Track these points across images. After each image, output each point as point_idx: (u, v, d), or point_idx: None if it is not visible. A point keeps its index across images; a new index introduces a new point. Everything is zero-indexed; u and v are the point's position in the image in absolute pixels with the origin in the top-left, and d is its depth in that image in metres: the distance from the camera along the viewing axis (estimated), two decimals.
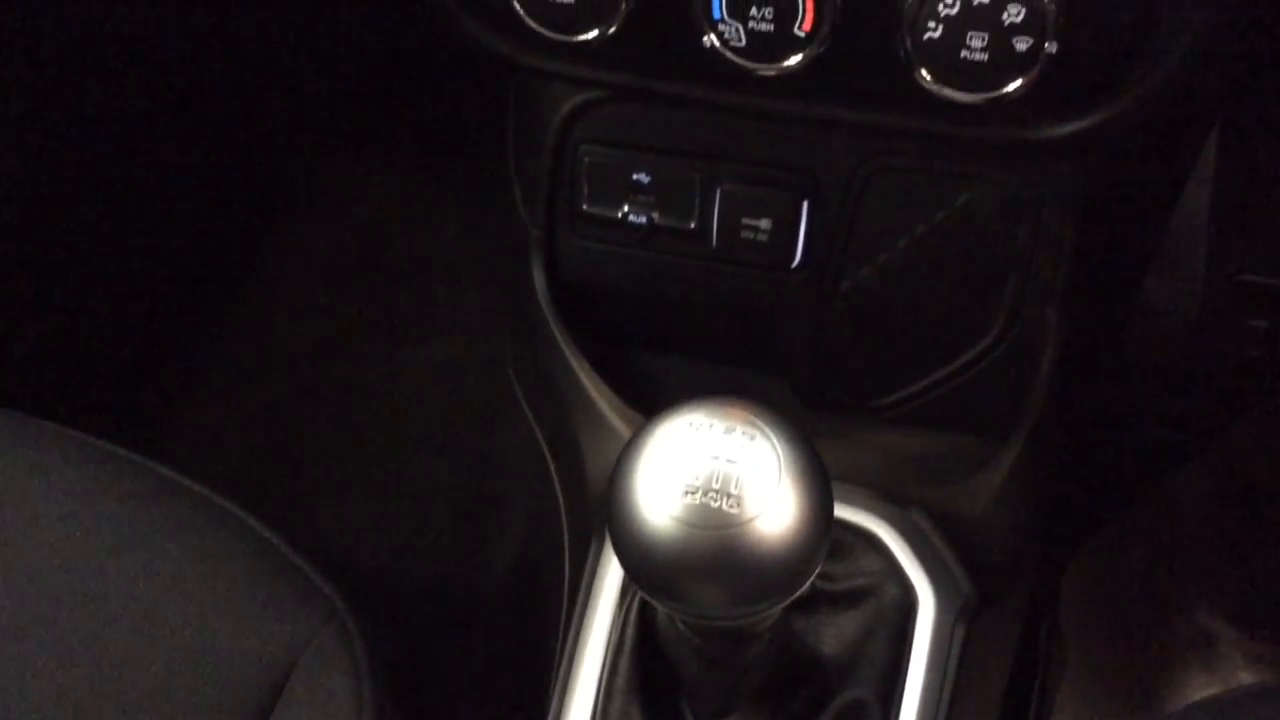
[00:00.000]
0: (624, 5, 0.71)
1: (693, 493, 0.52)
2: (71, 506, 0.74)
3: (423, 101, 1.46)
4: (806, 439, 0.55)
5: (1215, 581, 1.22)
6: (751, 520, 0.51)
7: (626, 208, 0.90)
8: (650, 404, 0.93)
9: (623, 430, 0.88)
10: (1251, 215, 1.20)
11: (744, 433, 0.53)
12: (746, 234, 0.88)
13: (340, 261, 1.45)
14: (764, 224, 0.87)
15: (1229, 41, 0.71)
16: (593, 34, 0.73)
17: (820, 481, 0.54)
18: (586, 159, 0.90)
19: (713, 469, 0.52)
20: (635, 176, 0.89)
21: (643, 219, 0.90)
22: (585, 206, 0.91)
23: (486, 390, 1.32)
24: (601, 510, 0.81)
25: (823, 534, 0.54)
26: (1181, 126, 0.91)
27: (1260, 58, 0.88)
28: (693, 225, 0.89)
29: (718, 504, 0.51)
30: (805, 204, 0.86)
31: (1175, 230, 1.14)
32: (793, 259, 0.88)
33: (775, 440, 0.53)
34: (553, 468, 0.98)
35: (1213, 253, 1.20)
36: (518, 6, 0.72)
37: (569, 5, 0.71)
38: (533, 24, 0.73)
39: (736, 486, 0.52)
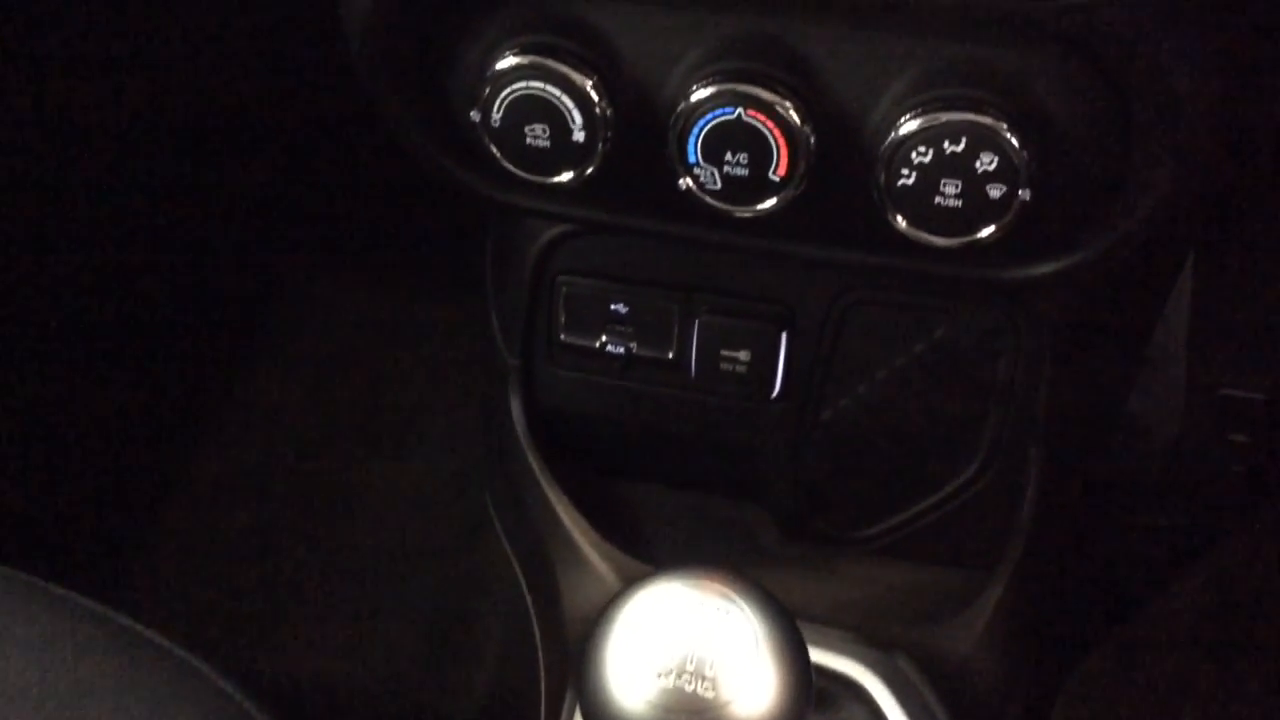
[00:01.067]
0: (600, 149, 0.71)
1: (666, 675, 0.50)
2: (25, 658, 0.72)
3: (403, 215, 1.46)
4: (784, 611, 0.53)
5: (1208, 703, 1.20)
6: (727, 705, 0.49)
7: (604, 338, 0.89)
8: (630, 537, 0.91)
9: (602, 569, 0.87)
10: (1230, 329, 1.21)
11: (719, 607, 0.52)
12: (725, 365, 0.87)
13: (321, 374, 1.44)
14: (743, 355, 0.86)
15: (1204, 186, 0.71)
16: (568, 176, 0.73)
17: (798, 657, 0.52)
18: (564, 289, 0.89)
19: (687, 649, 0.50)
20: (613, 307, 0.88)
21: (621, 349, 0.89)
22: (563, 337, 0.90)
23: (463, 505, 1.30)
24: (577, 659, 0.79)
25: (801, 713, 0.52)
26: (1160, 257, 0.92)
27: (1235, 185, 0.89)
28: (671, 356, 0.88)
29: (692, 687, 0.49)
30: (784, 335, 0.86)
31: (1155, 345, 1.14)
32: (772, 390, 0.87)
33: (751, 614, 0.51)
34: (529, 600, 0.96)
35: (1193, 367, 1.20)
36: (494, 150, 0.72)
37: (546, 149, 0.71)
38: (510, 166, 0.73)
39: (711, 668, 0.50)
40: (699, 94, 0.68)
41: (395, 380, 1.43)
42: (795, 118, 0.67)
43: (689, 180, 0.71)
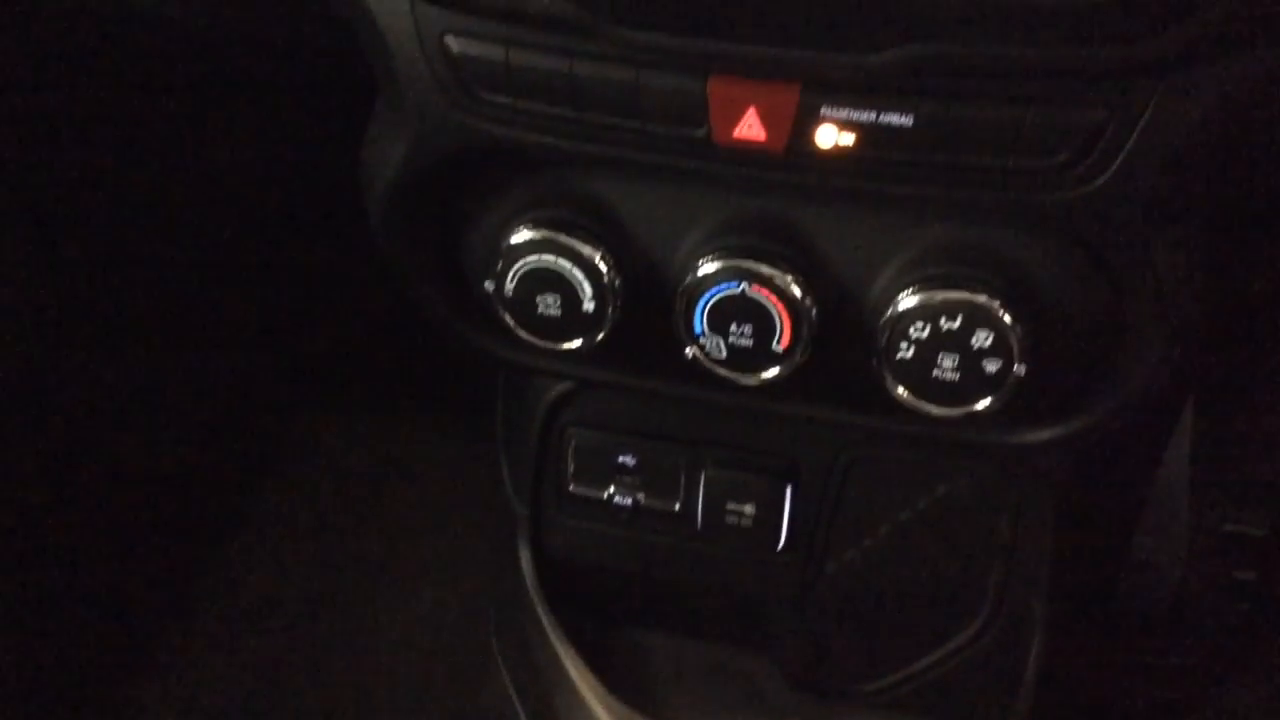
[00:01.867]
0: (609, 318, 0.73)
1: None
2: None
3: (413, 351, 1.49)
4: None
5: None
6: None
7: (612, 489, 0.91)
8: (636, 686, 0.91)
9: None
10: (1231, 465, 1.22)
11: None
12: (731, 518, 0.88)
13: (329, 508, 1.45)
14: (748, 508, 0.88)
15: (1196, 355, 0.73)
16: (578, 343, 0.75)
17: None
18: (573, 441, 0.91)
19: None
20: (621, 459, 0.90)
21: (628, 501, 0.91)
22: (572, 487, 0.92)
23: (468, 642, 1.30)
24: None
25: None
26: (1158, 412, 0.93)
27: (1229, 338, 0.91)
28: (677, 508, 0.89)
29: None
30: (788, 489, 0.87)
31: (1157, 484, 1.15)
32: (777, 542, 0.89)
33: None
34: None
35: (1196, 504, 1.20)
36: (507, 318, 0.75)
37: (556, 318, 0.74)
38: (522, 333, 0.75)
39: None
40: (704, 269, 0.71)
41: (402, 515, 1.44)
42: (797, 292, 0.70)
43: (695, 350, 0.73)
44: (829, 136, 0.63)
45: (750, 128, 0.64)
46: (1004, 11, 0.54)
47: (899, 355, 0.69)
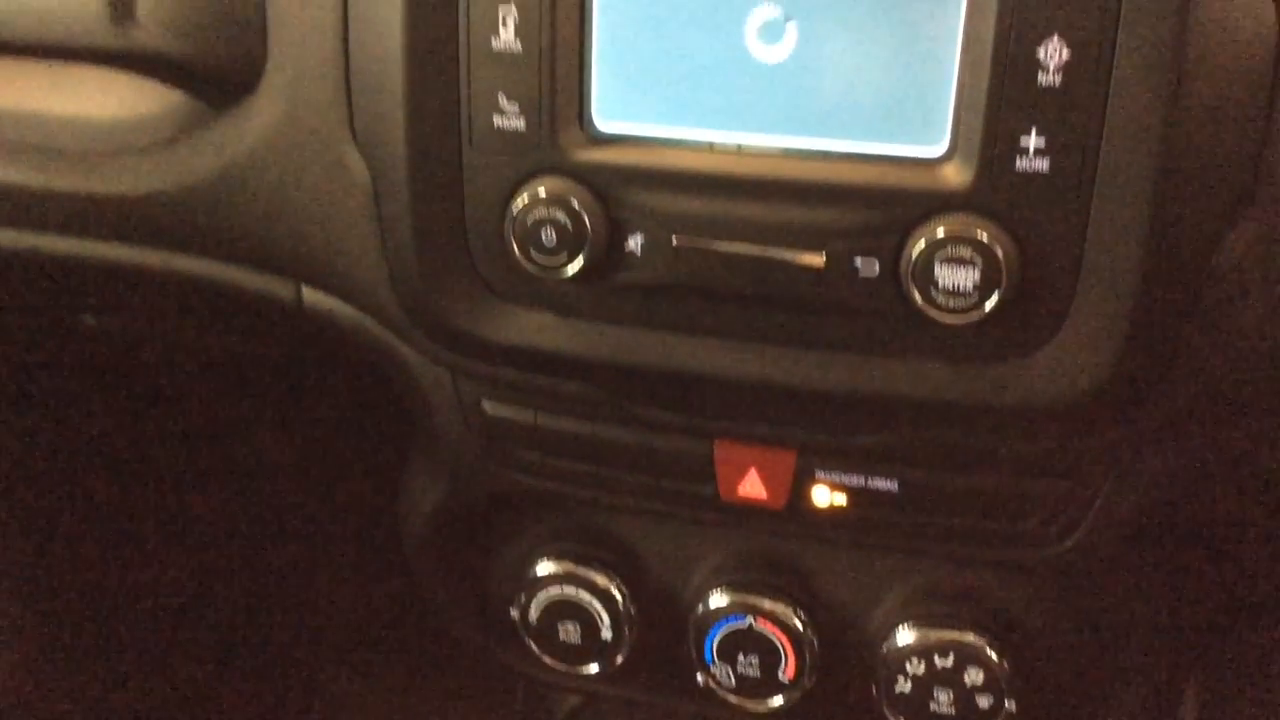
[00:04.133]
0: (625, 645, 0.79)
1: None
2: None
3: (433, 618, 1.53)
4: None
5: None
6: None
7: None
8: None
9: None
10: None
11: None
12: None
13: None
14: None
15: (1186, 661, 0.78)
16: (596, 668, 0.80)
17: None
18: None
19: None
20: None
21: None
22: None
23: None
24: None
25: None
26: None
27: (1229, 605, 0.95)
28: None
29: None
30: None
31: None
32: None
33: None
34: None
35: None
36: (531, 644, 0.80)
37: (576, 644, 0.79)
38: (544, 658, 0.81)
39: None
40: (714, 602, 0.76)
41: None
42: (800, 626, 0.75)
43: (705, 677, 0.78)
44: (824, 497, 0.70)
45: (752, 487, 0.72)
46: (970, 412, 0.62)
47: (898, 689, 0.74)
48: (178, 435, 1.25)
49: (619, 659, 0.80)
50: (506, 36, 0.60)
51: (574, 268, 0.62)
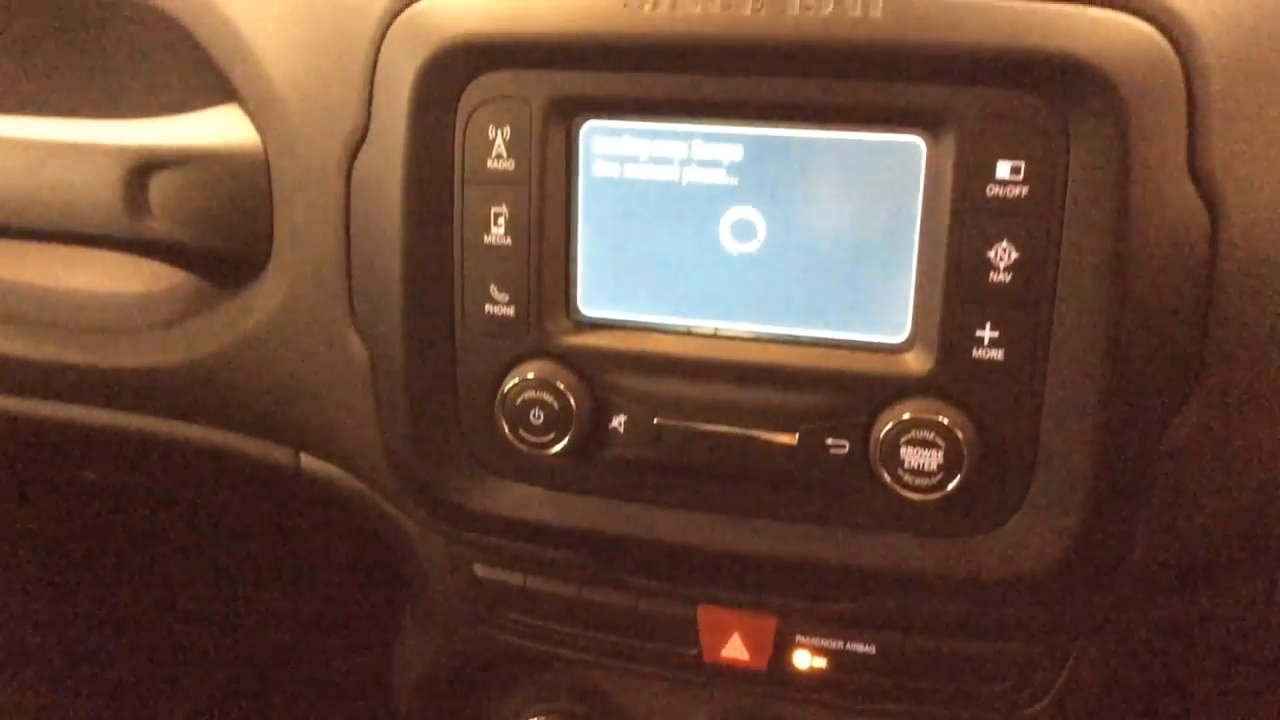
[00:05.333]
0: None
1: None
2: None
3: None
4: None
5: None
6: None
7: None
8: None
9: None
10: None
11: None
12: None
13: None
14: None
15: None
16: None
17: None
18: None
19: None
20: None
21: None
22: None
23: None
24: None
25: None
26: None
27: None
28: None
29: None
30: None
31: None
32: None
33: None
34: None
35: None
36: None
37: None
38: None
39: None
40: None
41: None
42: None
43: None
44: (804, 660, 0.73)
45: (735, 650, 0.74)
46: (939, 582, 0.65)
47: None
48: (170, 587, 1.26)
49: None
50: (498, 232, 0.65)
51: (560, 446, 0.66)
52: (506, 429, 0.66)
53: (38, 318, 0.82)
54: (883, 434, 0.61)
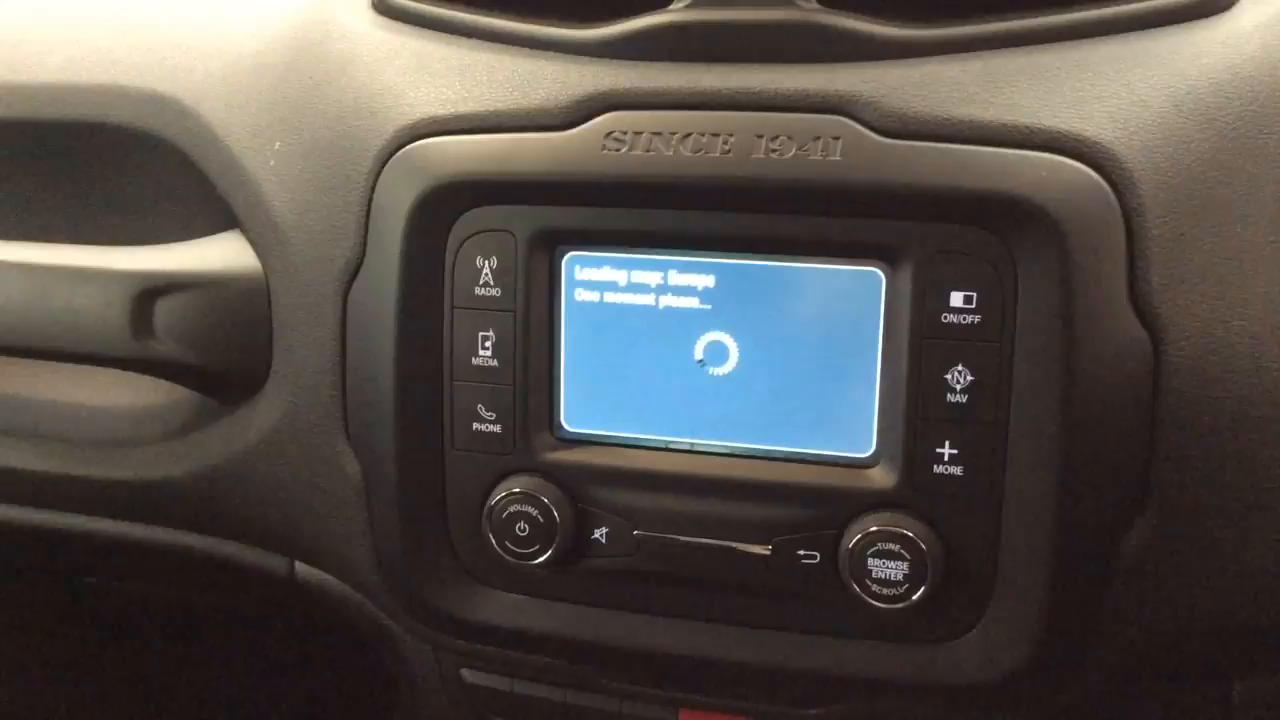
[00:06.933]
0: None
1: None
2: None
3: None
4: None
5: None
6: None
7: None
8: None
9: None
10: None
11: None
12: None
13: None
14: None
15: None
16: None
17: None
18: None
19: None
20: None
21: None
22: None
23: None
24: None
25: None
26: None
27: None
28: None
29: None
30: None
31: None
32: None
33: None
34: None
35: None
36: None
37: None
38: None
39: None
40: None
41: None
42: None
43: None
44: None
45: None
46: (907, 688, 0.68)
47: None
48: (166, 687, 1.27)
49: None
50: (485, 355, 0.69)
51: (545, 557, 0.69)
52: (494, 541, 0.69)
53: (43, 431, 0.85)
54: (851, 545, 0.65)
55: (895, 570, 0.64)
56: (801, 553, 0.66)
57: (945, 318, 0.62)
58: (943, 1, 0.66)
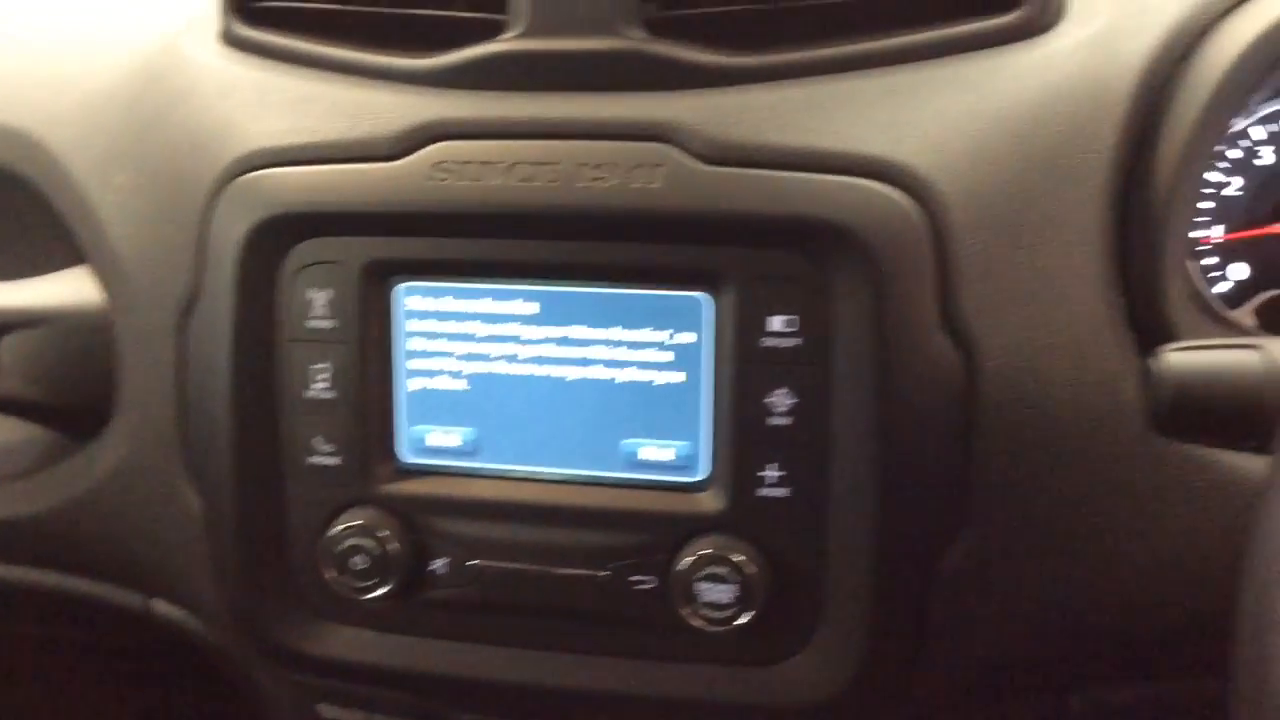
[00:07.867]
0: None
1: None
2: None
3: None
4: None
5: None
6: None
7: None
8: None
9: None
10: None
11: None
12: None
13: None
14: None
15: None
16: None
17: None
18: None
19: None
20: None
21: None
22: None
23: None
24: None
25: None
26: None
27: None
28: None
29: None
30: None
31: None
32: None
33: None
34: None
35: None
36: None
37: None
38: None
39: None
40: None
41: None
42: None
43: None
44: None
45: None
46: (743, 711, 0.68)
47: None
48: None
49: None
50: (321, 386, 0.68)
51: (384, 590, 0.68)
52: (333, 575, 0.69)
53: None
54: (681, 570, 0.65)
55: (724, 593, 0.64)
56: (636, 578, 0.67)
57: (767, 341, 0.63)
58: (770, 30, 0.67)
